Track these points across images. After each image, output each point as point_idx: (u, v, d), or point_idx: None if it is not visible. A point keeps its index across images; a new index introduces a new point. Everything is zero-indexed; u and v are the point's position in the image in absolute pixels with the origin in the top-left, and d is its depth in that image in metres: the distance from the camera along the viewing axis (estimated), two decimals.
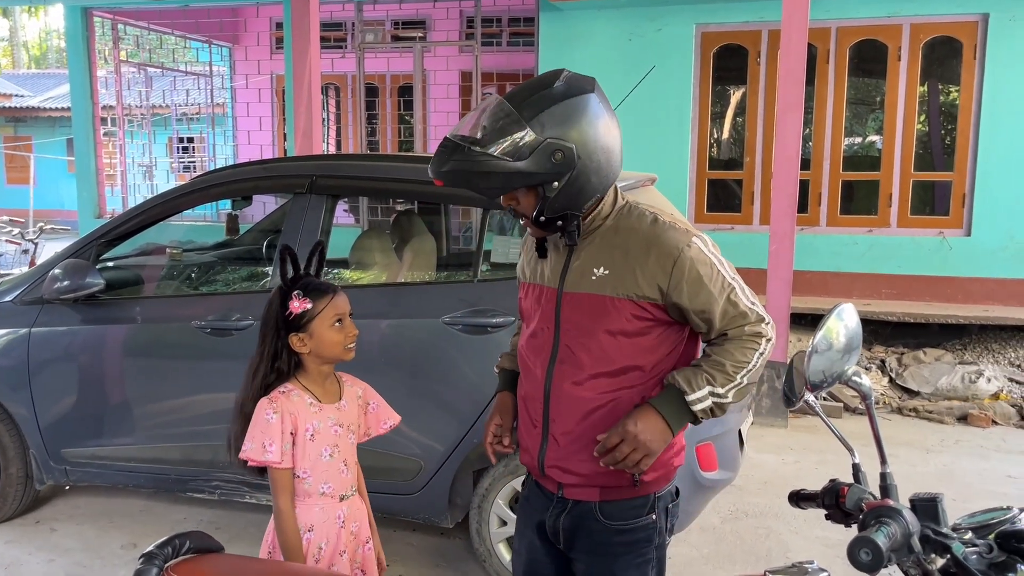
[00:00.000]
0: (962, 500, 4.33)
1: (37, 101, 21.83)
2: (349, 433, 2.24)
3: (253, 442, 2.10)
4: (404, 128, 10.53)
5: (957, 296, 6.95)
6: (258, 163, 3.94)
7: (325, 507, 2.18)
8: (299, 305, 2.12)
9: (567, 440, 1.85)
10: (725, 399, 1.77)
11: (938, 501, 1.32)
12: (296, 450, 2.14)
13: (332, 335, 2.15)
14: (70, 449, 3.78)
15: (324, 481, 2.18)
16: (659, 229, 1.80)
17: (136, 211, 3.83)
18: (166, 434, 3.64)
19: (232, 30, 10.13)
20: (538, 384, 1.88)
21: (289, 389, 2.17)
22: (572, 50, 7.77)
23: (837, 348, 1.52)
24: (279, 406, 2.12)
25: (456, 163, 1.69)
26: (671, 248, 1.76)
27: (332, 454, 2.18)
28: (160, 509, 4.14)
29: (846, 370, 1.54)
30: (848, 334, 1.53)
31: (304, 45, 6.32)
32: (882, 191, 7.31)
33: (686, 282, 1.75)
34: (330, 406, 2.21)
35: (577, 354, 1.82)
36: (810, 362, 1.49)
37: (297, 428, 2.13)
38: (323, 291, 2.16)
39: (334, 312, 2.15)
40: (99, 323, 3.71)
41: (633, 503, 1.87)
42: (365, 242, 3.99)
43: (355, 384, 2.34)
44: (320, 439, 2.16)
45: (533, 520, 1.98)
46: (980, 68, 6.92)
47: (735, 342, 1.77)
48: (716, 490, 3.39)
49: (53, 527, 3.94)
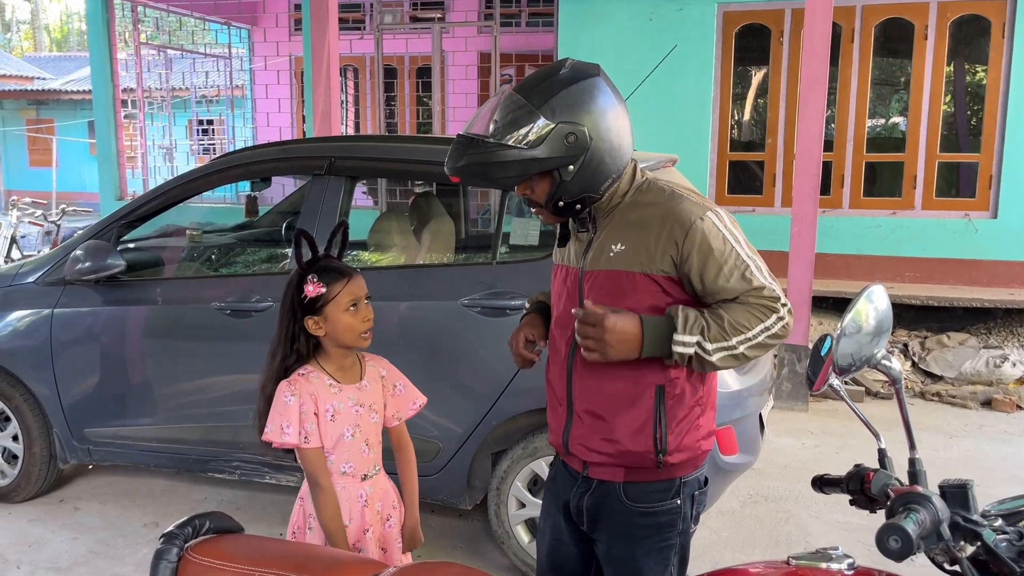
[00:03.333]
0: (986, 486, 4.25)
1: (59, 84, 21.96)
2: (372, 413, 2.24)
3: (272, 424, 2.12)
4: (422, 110, 10.51)
5: (982, 279, 6.85)
6: (276, 145, 3.93)
7: (347, 486, 2.19)
8: (313, 289, 2.12)
9: (590, 418, 1.85)
10: (709, 356, 1.71)
11: (968, 488, 1.29)
12: (320, 429, 2.15)
13: (346, 319, 2.15)
14: (92, 429, 3.81)
15: (346, 461, 2.19)
16: (674, 201, 1.80)
17: (155, 193, 3.84)
18: (186, 415, 3.66)
19: (251, 11, 10.11)
20: (562, 363, 1.90)
21: (308, 371, 2.18)
22: (591, 30, 7.69)
23: (866, 331, 1.48)
24: (297, 388, 2.13)
25: (471, 157, 1.72)
26: (684, 219, 1.75)
27: (354, 434, 2.19)
28: (182, 489, 4.18)
29: (875, 354, 1.50)
30: (878, 316, 1.49)
31: (322, 26, 6.29)
32: (907, 173, 7.20)
33: (696, 254, 1.73)
34: (350, 386, 2.21)
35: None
36: (839, 345, 1.45)
37: (319, 408, 2.14)
38: (338, 275, 2.15)
39: (349, 297, 2.14)
40: (120, 304, 3.73)
41: (657, 486, 1.85)
42: (384, 224, 3.98)
43: (378, 364, 2.34)
44: (341, 419, 2.17)
45: (559, 500, 1.98)
46: (1009, 47, 6.78)
47: (743, 306, 1.74)
48: (736, 474, 3.37)
49: (77, 506, 3.99)
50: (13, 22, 40.32)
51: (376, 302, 3.38)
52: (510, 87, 1.82)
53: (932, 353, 6.21)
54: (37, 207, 10.29)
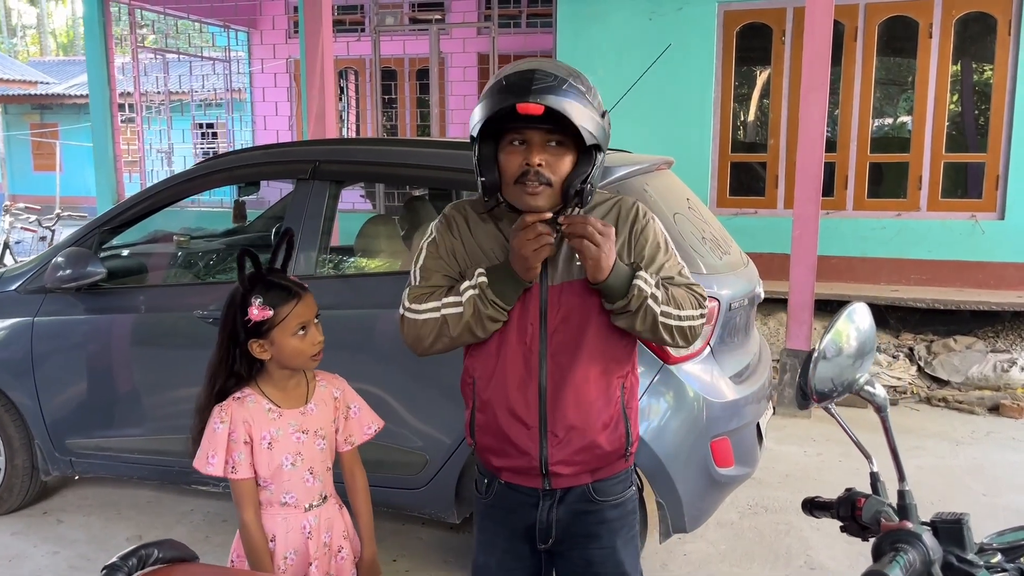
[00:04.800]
0: (993, 495, 4.17)
1: (63, 88, 21.98)
2: (317, 439, 2.08)
3: (200, 450, 1.99)
4: (422, 112, 10.42)
5: (989, 281, 6.72)
6: (261, 148, 3.84)
7: (288, 517, 2.05)
8: (259, 313, 1.96)
9: (571, 434, 1.82)
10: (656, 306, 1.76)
11: (963, 523, 1.19)
12: (255, 458, 2.00)
13: (295, 344, 2.00)
14: (75, 440, 3.73)
15: (286, 491, 2.04)
16: (617, 201, 1.88)
17: (139, 198, 3.75)
18: (170, 425, 3.57)
19: (248, 14, 10.04)
20: (528, 385, 1.82)
21: (245, 394, 2.03)
22: (590, 30, 7.59)
23: (847, 353, 1.36)
24: (229, 414, 1.98)
25: (568, 94, 1.64)
26: (631, 218, 1.85)
27: (295, 463, 2.03)
28: (168, 501, 4.09)
29: (857, 378, 1.38)
30: (860, 337, 1.37)
31: (316, 27, 6.21)
32: (911, 173, 7.07)
33: (653, 255, 1.83)
34: (292, 411, 2.05)
35: (572, 345, 1.81)
36: (816, 370, 1.33)
37: (253, 436, 1.99)
38: (286, 296, 1.99)
39: (297, 320, 1.99)
40: (101, 312, 3.65)
41: (619, 477, 1.91)
42: (371, 229, 3.88)
43: (331, 384, 2.17)
44: (279, 447, 2.02)
45: (512, 527, 1.92)
46: (1015, 45, 6.64)
47: (684, 288, 1.84)
48: (732, 487, 3.26)
49: (60, 518, 3.91)
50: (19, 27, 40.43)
51: (362, 309, 3.31)
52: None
53: (938, 357, 6.08)
54: (31, 212, 10.22)
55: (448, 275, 1.84)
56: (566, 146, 1.72)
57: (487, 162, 1.76)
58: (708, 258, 3.23)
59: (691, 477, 3.00)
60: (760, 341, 3.83)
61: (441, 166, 3.36)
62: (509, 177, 1.73)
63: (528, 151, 1.71)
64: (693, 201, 3.69)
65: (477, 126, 1.72)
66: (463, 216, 1.88)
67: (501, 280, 1.76)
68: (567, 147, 1.72)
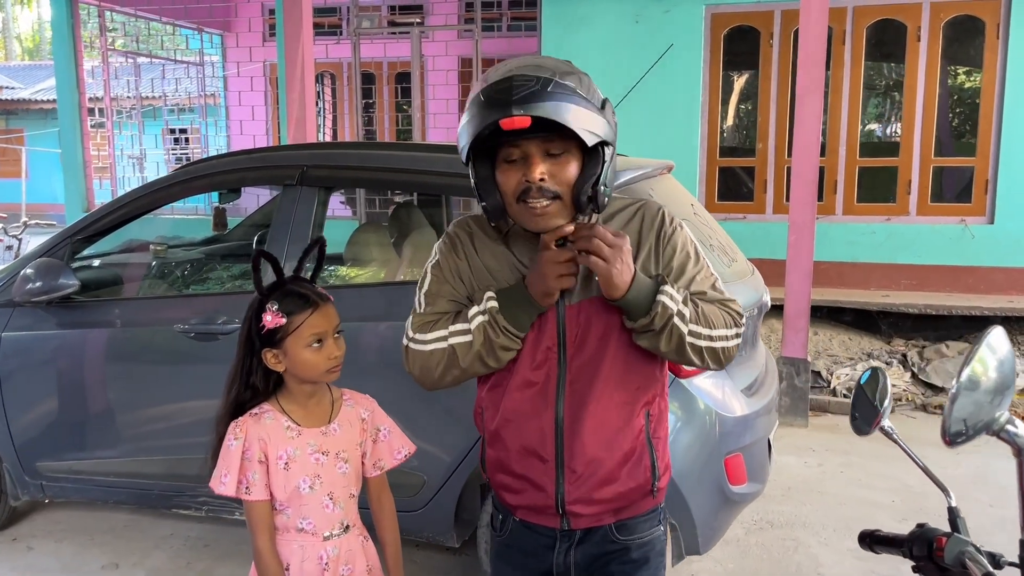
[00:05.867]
0: (1000, 506, 4.08)
1: (28, 93, 21.52)
2: (339, 462, 1.92)
3: (216, 469, 1.85)
4: (402, 117, 10.24)
5: (980, 286, 6.68)
6: (244, 153, 3.66)
7: (305, 545, 1.89)
8: (272, 320, 1.83)
9: (591, 469, 1.65)
10: (683, 325, 1.59)
11: None
12: (271, 479, 1.86)
13: (308, 356, 1.85)
14: (46, 463, 3.51)
15: (303, 516, 1.89)
16: (640, 205, 1.72)
17: (113, 206, 3.55)
18: (147, 447, 3.37)
19: (222, 16, 9.81)
20: (544, 416, 1.65)
21: (264, 411, 1.89)
22: (576, 33, 7.46)
23: (986, 388, 1.17)
24: (243, 431, 1.85)
25: (555, 96, 1.47)
26: (657, 221, 1.69)
27: (313, 486, 1.88)
28: (145, 524, 3.88)
29: (997, 417, 1.19)
30: (1001, 368, 1.18)
31: (296, 30, 6.02)
32: (901, 178, 7.02)
33: (679, 261, 1.67)
34: (312, 430, 1.91)
35: (592, 370, 1.64)
36: (953, 408, 1.15)
37: (268, 455, 1.85)
38: (303, 304, 1.85)
39: (312, 331, 1.84)
40: (74, 327, 3.44)
41: (646, 515, 1.76)
42: (362, 236, 3.72)
43: (360, 404, 2.02)
44: (297, 468, 1.87)
45: (523, 570, 1.76)
46: (1004, 48, 6.62)
47: (716, 304, 1.67)
48: (744, 505, 3.13)
49: (30, 545, 3.68)
50: None
51: (354, 322, 3.13)
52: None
53: (932, 363, 6.01)
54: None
55: (455, 299, 1.67)
56: (568, 150, 1.53)
57: (486, 183, 1.57)
58: (716, 266, 3.08)
59: (705, 496, 2.86)
60: (766, 352, 3.71)
61: (433, 170, 3.20)
62: (511, 197, 1.55)
63: (526, 165, 1.52)
64: (697, 207, 3.56)
65: (465, 149, 1.55)
66: (468, 234, 1.70)
67: (514, 304, 1.59)
68: (570, 151, 1.53)
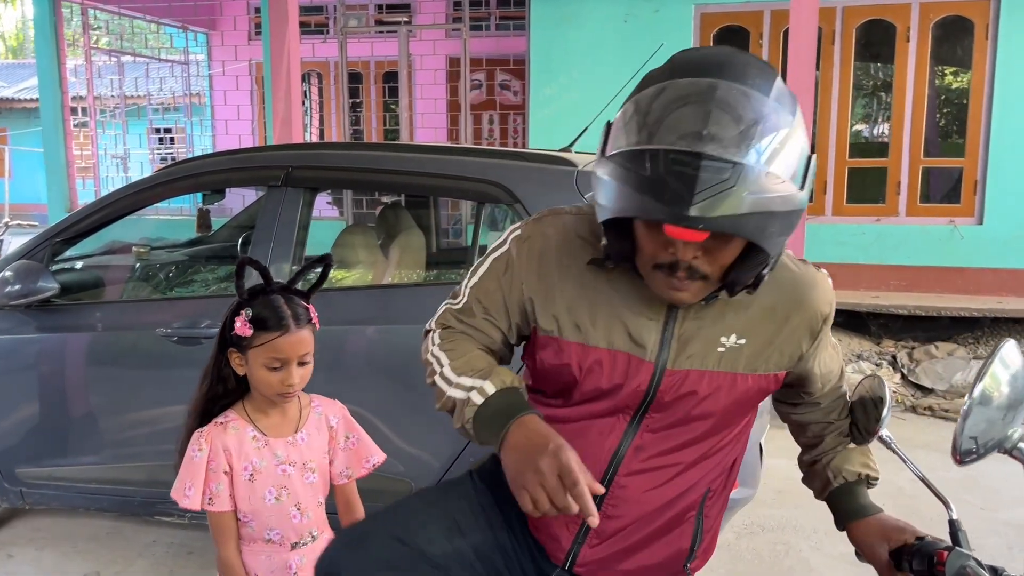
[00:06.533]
0: (991, 509, 4.07)
1: (11, 92, 21.32)
2: (306, 472, 1.89)
3: (178, 481, 1.83)
4: (389, 116, 10.17)
5: (969, 287, 6.68)
6: (228, 153, 3.59)
7: (272, 555, 1.87)
8: (240, 327, 1.79)
9: (623, 534, 1.45)
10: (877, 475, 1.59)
11: None
12: (235, 490, 1.83)
13: (263, 375, 1.80)
14: (25, 469, 3.44)
15: (269, 527, 1.86)
16: (807, 276, 1.42)
17: (95, 206, 3.47)
18: (129, 453, 3.31)
19: (207, 14, 9.71)
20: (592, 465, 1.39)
21: (229, 419, 1.86)
22: (565, 32, 7.42)
23: (998, 404, 1.15)
24: (208, 440, 1.82)
25: (754, 197, 1.09)
26: (823, 302, 1.42)
27: (279, 496, 1.85)
28: (129, 531, 3.80)
29: (1010, 434, 1.18)
30: (1015, 384, 1.16)
31: (282, 29, 5.95)
32: (890, 178, 7.02)
33: (825, 343, 1.48)
34: (279, 440, 1.87)
35: (667, 441, 1.41)
36: (965, 424, 1.13)
37: (233, 466, 1.82)
38: (273, 324, 1.79)
39: (271, 354, 1.79)
40: (54, 331, 3.37)
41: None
42: (348, 238, 3.66)
43: (328, 410, 1.98)
44: (262, 479, 1.84)
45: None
46: (993, 49, 6.63)
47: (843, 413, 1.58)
48: (735, 511, 3.10)
49: (10, 553, 3.61)
50: None
51: (341, 326, 3.08)
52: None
53: (921, 365, 6.00)
54: None
55: (496, 318, 1.42)
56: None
57: (619, 222, 1.23)
58: None
59: None
60: None
61: (421, 172, 3.15)
62: (646, 259, 1.25)
63: (657, 233, 1.20)
64: None
65: (606, 214, 1.21)
66: (559, 239, 1.38)
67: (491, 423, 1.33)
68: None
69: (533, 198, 2.93)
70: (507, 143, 8.95)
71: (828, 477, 1.53)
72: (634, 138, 1.14)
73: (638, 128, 1.14)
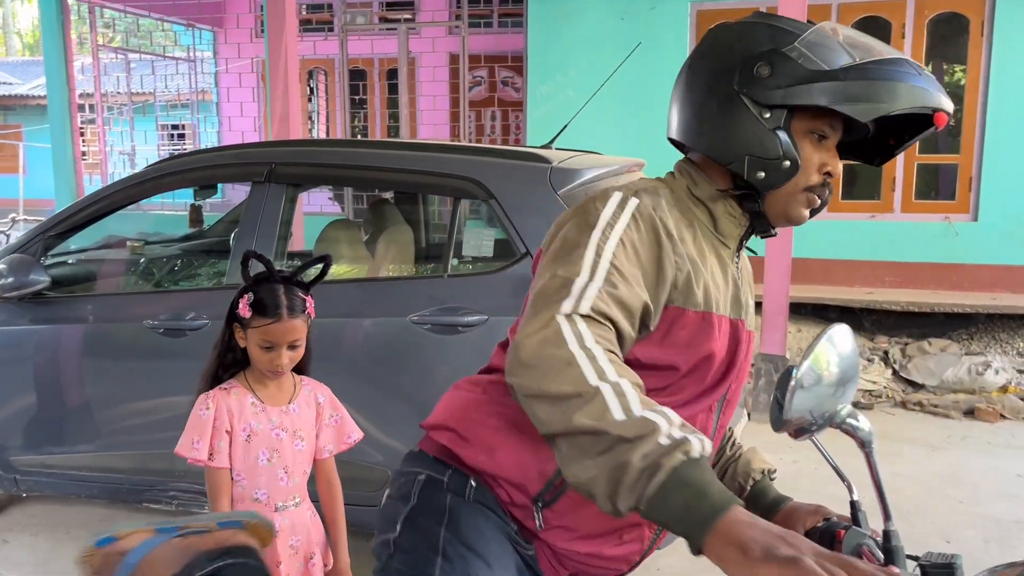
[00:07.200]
0: (971, 503, 4.10)
1: (26, 89, 21.55)
2: (296, 440, 2.11)
3: (185, 436, 2.03)
4: (393, 113, 10.25)
5: (963, 284, 6.69)
6: (215, 150, 3.69)
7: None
8: (242, 308, 2.01)
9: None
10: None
11: (955, 567, 1.08)
12: (232, 449, 2.04)
13: (256, 352, 2.05)
14: (19, 457, 3.54)
15: (258, 487, 2.07)
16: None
17: (86, 202, 3.57)
18: (117, 441, 3.40)
19: (212, 12, 9.82)
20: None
21: (232, 386, 2.09)
22: (562, 30, 7.47)
23: (828, 382, 1.19)
24: (214, 401, 2.04)
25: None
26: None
27: (270, 459, 2.07)
28: (121, 519, 3.90)
29: (839, 410, 1.22)
30: (842, 363, 1.21)
31: (280, 26, 6.04)
32: (885, 175, 7.04)
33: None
34: (275, 408, 2.09)
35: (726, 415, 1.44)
36: (792, 400, 1.15)
37: (233, 427, 2.04)
38: (269, 311, 2.02)
39: (263, 337, 2.03)
40: (46, 323, 3.47)
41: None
42: (331, 233, 3.73)
43: (316, 389, 2.21)
44: (257, 441, 2.05)
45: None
46: (988, 45, 6.63)
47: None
48: None
49: (6, 538, 3.71)
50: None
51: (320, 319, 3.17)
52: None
53: (913, 360, 6.03)
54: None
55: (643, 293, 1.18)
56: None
57: (787, 146, 1.26)
58: None
59: None
60: None
61: (399, 168, 3.22)
62: (806, 178, 1.29)
63: (826, 151, 1.30)
64: None
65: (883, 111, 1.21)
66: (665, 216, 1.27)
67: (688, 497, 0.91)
68: None
69: (508, 194, 3.00)
70: (508, 139, 9.02)
71: (740, 484, 1.54)
72: (871, 54, 1.25)
73: (866, 49, 1.26)
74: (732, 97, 1.27)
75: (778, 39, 1.26)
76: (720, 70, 1.29)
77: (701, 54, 1.36)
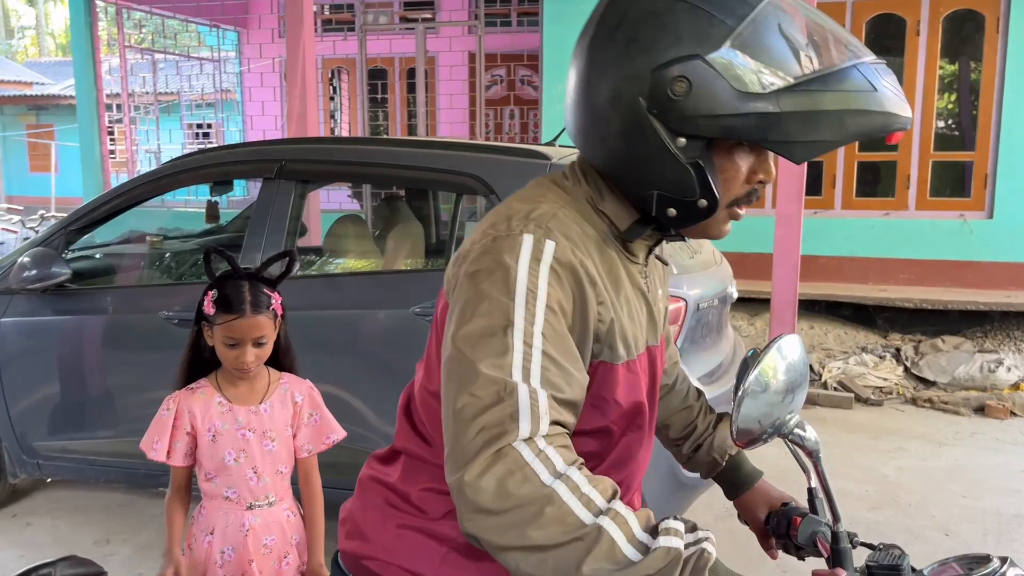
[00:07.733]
0: (973, 498, 4.12)
1: (58, 89, 21.97)
2: (266, 440, 2.10)
3: (148, 435, 2.09)
4: (412, 111, 10.37)
5: (978, 281, 6.67)
6: (227, 148, 3.80)
7: (229, 512, 2.09)
8: (206, 305, 2.02)
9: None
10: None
11: (901, 570, 1.11)
12: (200, 449, 2.07)
13: (222, 349, 2.06)
14: (41, 443, 3.69)
15: (228, 485, 2.08)
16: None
17: (104, 198, 3.71)
18: (133, 428, 3.51)
19: (236, 13, 10.01)
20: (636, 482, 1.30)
21: (199, 386, 2.11)
22: (578, 28, 7.46)
23: (775, 389, 1.19)
24: (176, 402, 2.07)
25: None
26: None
27: (237, 459, 2.07)
28: (139, 503, 4.04)
29: (787, 419, 1.22)
30: (790, 371, 1.21)
31: (297, 26, 6.16)
32: (900, 172, 7.03)
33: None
34: (242, 408, 2.09)
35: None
36: (740, 409, 1.15)
37: (197, 427, 2.06)
38: (233, 307, 2.00)
39: (226, 333, 2.02)
40: (67, 314, 3.61)
41: None
42: (340, 228, 3.84)
43: (295, 387, 2.18)
44: (223, 441, 2.06)
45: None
46: (1003, 42, 6.60)
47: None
48: (700, 490, 3.21)
49: (29, 521, 3.86)
50: (18, 28, 40.44)
51: (323, 311, 3.28)
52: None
53: (926, 358, 6.03)
54: (13, 213, 10.19)
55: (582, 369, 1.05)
56: None
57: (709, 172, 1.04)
58: (677, 256, 3.18)
59: (656, 480, 2.95)
60: (735, 340, 3.78)
61: (403, 164, 3.31)
62: (733, 194, 1.08)
63: (759, 160, 1.07)
64: None
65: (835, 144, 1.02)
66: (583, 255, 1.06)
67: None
68: None
69: (507, 189, 3.08)
70: (526, 137, 9.10)
71: (715, 459, 1.54)
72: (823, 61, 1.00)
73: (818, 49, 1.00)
74: (639, 116, 1.02)
75: (703, 35, 0.99)
76: (625, 75, 1.03)
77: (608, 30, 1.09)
